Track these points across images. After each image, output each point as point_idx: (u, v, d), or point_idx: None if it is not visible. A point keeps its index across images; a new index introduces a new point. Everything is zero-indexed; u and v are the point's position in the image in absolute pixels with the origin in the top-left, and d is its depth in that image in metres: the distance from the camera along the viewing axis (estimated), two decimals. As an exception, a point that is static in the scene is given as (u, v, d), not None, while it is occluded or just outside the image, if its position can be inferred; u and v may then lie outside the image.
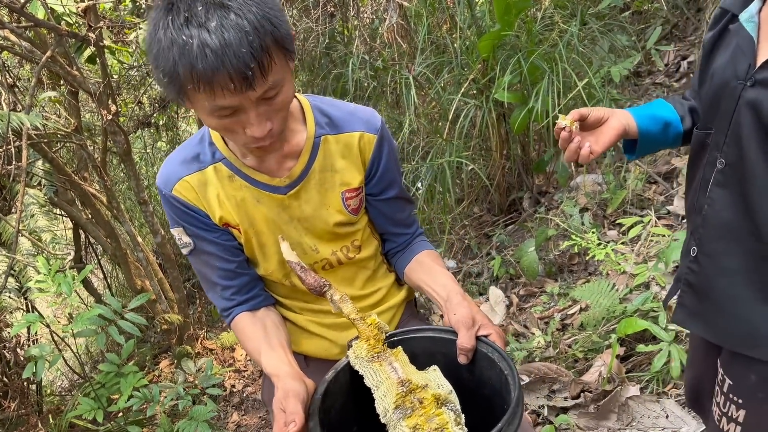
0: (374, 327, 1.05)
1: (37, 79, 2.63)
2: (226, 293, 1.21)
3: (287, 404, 0.92)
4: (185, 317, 3.80)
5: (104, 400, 2.41)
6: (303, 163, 1.14)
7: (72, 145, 4.07)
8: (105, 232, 3.70)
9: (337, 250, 1.23)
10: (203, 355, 3.89)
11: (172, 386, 2.69)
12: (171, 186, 1.13)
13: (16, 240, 2.44)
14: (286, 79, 0.95)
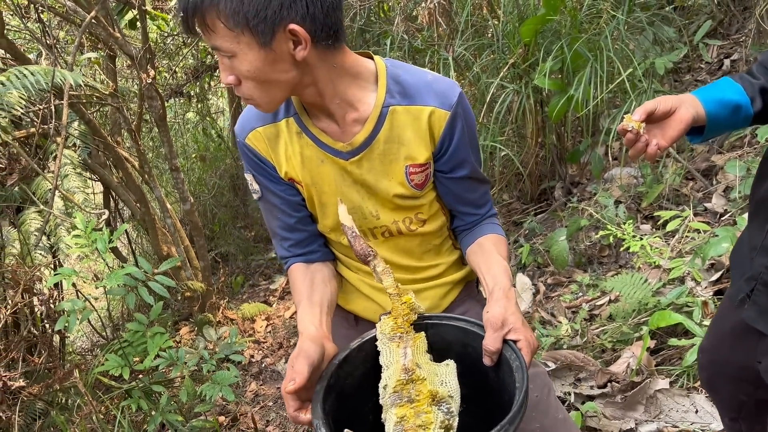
0: (407, 306, 1.04)
1: (80, 39, 2.65)
2: (284, 243, 1.26)
3: (296, 362, 0.94)
4: (208, 286, 3.84)
5: (130, 358, 2.45)
6: (367, 132, 1.12)
7: (106, 109, 4.11)
8: (135, 197, 3.75)
9: (399, 221, 1.21)
10: (224, 324, 3.94)
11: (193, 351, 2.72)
12: (245, 134, 1.17)
13: (52, 197, 2.47)
14: (237, 52, 0.97)
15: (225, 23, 0.94)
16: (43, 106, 2.76)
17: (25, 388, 2.29)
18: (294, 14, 0.94)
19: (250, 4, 0.92)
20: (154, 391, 2.47)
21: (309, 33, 0.97)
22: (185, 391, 2.46)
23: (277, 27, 0.94)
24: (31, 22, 3.89)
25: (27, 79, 2.13)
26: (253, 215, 5.94)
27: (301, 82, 1.04)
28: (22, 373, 2.36)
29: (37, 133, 3.05)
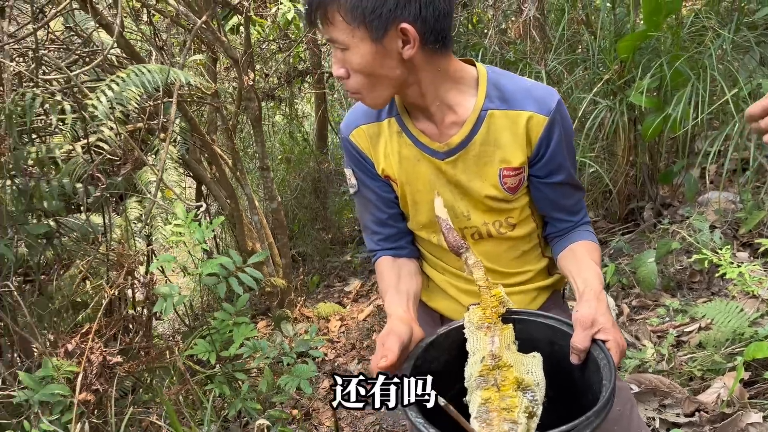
0: (496, 299, 1.06)
1: (191, 41, 2.82)
2: (375, 237, 1.32)
3: (387, 340, 0.99)
4: (288, 283, 3.97)
5: (217, 345, 2.57)
6: (464, 133, 1.16)
7: (204, 108, 4.34)
8: (226, 193, 3.93)
9: (489, 223, 1.24)
10: (300, 321, 4.05)
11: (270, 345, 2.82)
12: (350, 131, 1.25)
13: (157, 188, 2.64)
14: (351, 45, 1.04)
15: (344, 17, 1.02)
16: (152, 103, 2.96)
17: (121, 364, 2.45)
18: (407, 14, 1.01)
19: (368, 2, 1.00)
20: (237, 378, 2.59)
21: (418, 34, 1.03)
22: (265, 380, 2.55)
23: (390, 24, 1.01)
24: (143, 25, 4.17)
25: (144, 77, 2.30)
26: (331, 218, 6.08)
27: (406, 81, 1.10)
28: (119, 350, 2.53)
29: (144, 128, 3.26)
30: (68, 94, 2.32)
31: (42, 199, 2.47)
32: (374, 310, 4.10)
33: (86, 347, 2.31)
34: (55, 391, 2.15)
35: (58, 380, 2.18)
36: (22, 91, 2.17)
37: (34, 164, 2.49)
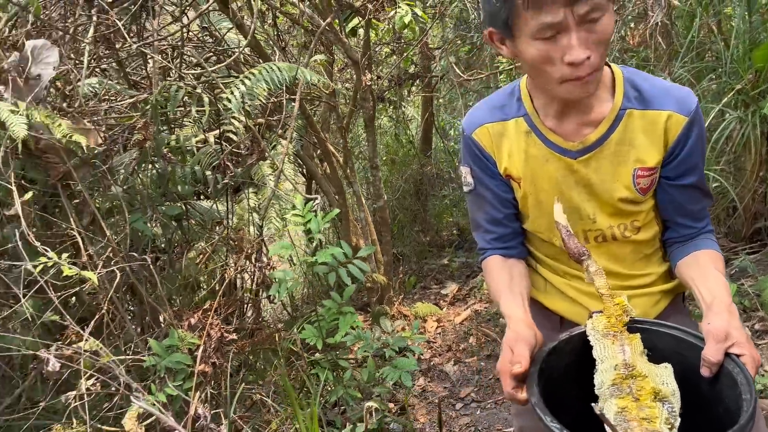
0: (620, 308, 1.06)
1: (316, 42, 2.96)
2: (487, 236, 1.33)
3: (516, 346, 1.01)
4: (388, 280, 4.05)
5: (323, 332, 2.69)
6: (601, 132, 1.16)
7: (318, 107, 4.52)
8: (335, 189, 4.08)
9: (615, 226, 1.23)
10: (397, 318, 4.13)
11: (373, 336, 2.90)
12: (473, 129, 1.26)
13: (277, 179, 2.80)
14: (608, 8, 0.99)
15: None
16: (275, 99, 3.14)
17: (235, 341, 2.62)
18: None
19: None
20: (340, 366, 2.68)
21: None
22: (367, 370, 2.64)
23: None
24: (267, 26, 4.41)
25: (274, 74, 2.45)
26: (430, 221, 6.13)
27: None
28: (234, 329, 2.70)
29: (264, 123, 3.46)
30: (206, 88, 2.51)
31: (176, 184, 2.69)
32: (472, 314, 4.10)
33: (207, 323, 2.49)
34: (179, 359, 2.33)
35: (181, 350, 2.37)
36: (167, 83, 2.37)
37: (169, 151, 2.72)
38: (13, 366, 2.36)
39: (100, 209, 2.30)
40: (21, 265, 2.00)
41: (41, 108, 2.10)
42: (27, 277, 2.07)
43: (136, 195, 2.51)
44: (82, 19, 2.54)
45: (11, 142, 1.93)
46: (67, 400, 2.09)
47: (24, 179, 2.15)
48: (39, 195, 2.22)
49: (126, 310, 2.48)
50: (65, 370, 2.12)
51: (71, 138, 2.06)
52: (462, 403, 3.03)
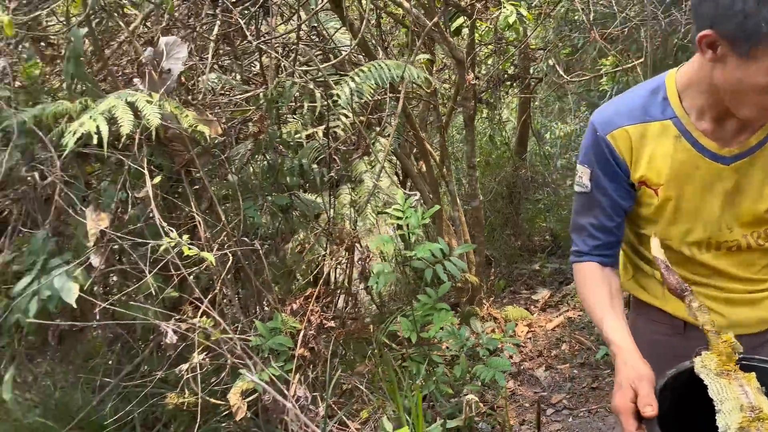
0: (728, 345, 1.03)
1: (421, 42, 3.01)
2: (589, 241, 1.27)
3: (641, 386, 0.99)
4: (480, 281, 4.04)
5: (417, 326, 2.73)
6: (760, 136, 1.12)
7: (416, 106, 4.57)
8: (429, 188, 4.11)
9: (749, 234, 1.19)
10: (487, 320, 4.11)
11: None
12: (609, 130, 1.18)
13: (378, 175, 2.87)
14: None
15: None
16: (378, 97, 3.22)
17: (333, 329, 2.71)
18: None
19: None
20: (432, 361, 2.72)
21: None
22: (460, 367, 2.65)
23: None
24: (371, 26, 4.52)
25: (383, 71, 2.51)
26: (522, 225, 6.04)
27: None
28: (332, 317, 2.80)
29: (366, 120, 3.55)
30: (317, 84, 2.62)
31: (284, 176, 2.82)
32: (564, 321, 4.01)
33: (307, 309, 2.59)
34: (282, 342, 2.45)
35: (284, 333, 2.48)
36: (282, 79, 2.50)
37: (280, 144, 2.86)
38: (135, 337, 2.57)
39: (216, 195, 2.45)
40: (148, 243, 2.18)
41: (171, 100, 2.27)
42: (152, 255, 2.25)
43: (248, 184, 2.65)
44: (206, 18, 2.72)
45: (145, 130, 2.10)
46: (181, 371, 2.25)
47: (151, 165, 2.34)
48: (164, 180, 2.39)
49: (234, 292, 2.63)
50: (180, 343, 2.28)
51: (196, 128, 2.21)
52: (553, 409, 2.98)
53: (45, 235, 2.18)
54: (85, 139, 1.96)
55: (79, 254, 2.22)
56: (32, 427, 2.34)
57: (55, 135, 2.14)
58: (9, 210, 2.33)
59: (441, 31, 3.14)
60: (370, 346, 3.08)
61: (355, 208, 3.51)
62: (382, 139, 4.36)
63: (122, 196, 2.26)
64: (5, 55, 2.25)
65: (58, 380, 2.59)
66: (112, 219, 2.21)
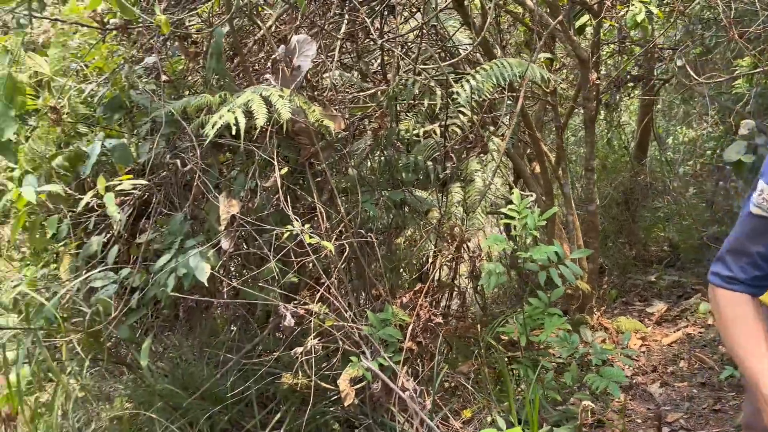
0: None
1: (543, 40, 2.96)
2: (749, 269, 1.18)
3: None
4: (592, 289, 3.90)
5: (527, 329, 2.69)
6: None
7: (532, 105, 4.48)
8: (542, 190, 4.02)
9: None
10: (597, 330, 3.96)
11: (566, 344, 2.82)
12: None
13: (493, 173, 2.85)
14: None
15: None
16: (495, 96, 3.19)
17: (441, 325, 2.73)
18: None
19: None
20: (545, 366, 2.66)
21: None
22: (570, 374, 2.59)
23: None
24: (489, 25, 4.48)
25: (505, 70, 2.49)
26: (638, 233, 5.75)
27: None
28: (440, 314, 2.83)
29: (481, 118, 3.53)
30: (438, 82, 2.65)
31: (399, 172, 2.88)
32: (683, 337, 3.78)
33: (417, 303, 2.63)
34: (391, 333, 2.50)
35: (394, 325, 2.54)
36: (404, 76, 2.55)
37: (397, 140, 2.91)
38: (254, 318, 2.73)
39: (336, 188, 2.55)
40: (273, 230, 2.30)
41: (300, 95, 2.39)
42: (275, 242, 2.38)
43: (366, 178, 2.73)
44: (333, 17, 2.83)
45: (275, 123, 2.22)
46: (296, 354, 2.36)
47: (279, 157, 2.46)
48: (288, 171, 2.52)
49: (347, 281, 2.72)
50: (296, 327, 2.39)
51: (322, 122, 2.31)
52: (669, 428, 2.83)
53: (182, 217, 2.37)
54: (220, 130, 2.11)
55: (210, 237, 2.40)
56: (162, 394, 2.55)
57: (195, 126, 2.32)
58: (152, 193, 2.55)
59: (565, 30, 3.06)
60: (474, 346, 3.07)
61: (465, 207, 3.50)
62: (495, 139, 4.32)
63: (251, 184, 2.41)
64: (156, 51, 2.47)
65: (184, 353, 2.79)
66: (242, 205, 2.35)
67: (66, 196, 2.44)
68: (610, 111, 5.79)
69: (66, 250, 2.32)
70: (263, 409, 2.70)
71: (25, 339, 2.05)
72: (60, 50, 2.66)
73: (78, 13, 2.39)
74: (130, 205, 2.43)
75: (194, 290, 2.47)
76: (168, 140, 2.42)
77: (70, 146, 2.65)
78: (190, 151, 2.33)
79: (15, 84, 1.79)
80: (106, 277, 2.28)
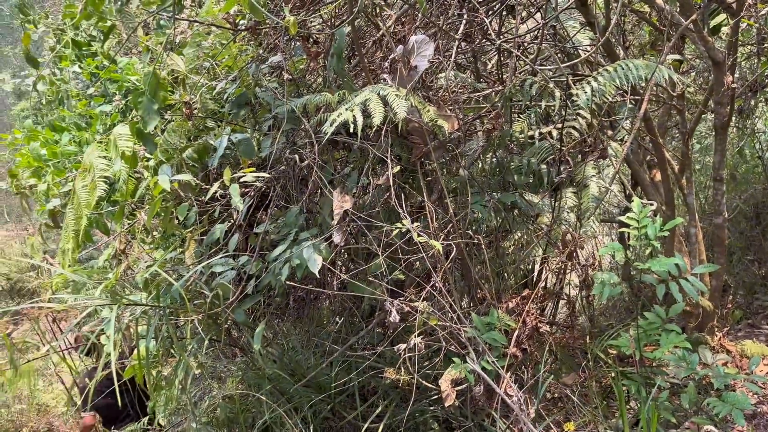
0: None
1: (674, 41, 2.78)
2: None
3: None
4: (714, 307, 3.63)
5: (641, 344, 2.55)
6: None
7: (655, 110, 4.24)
8: (662, 199, 3.79)
9: None
10: (718, 351, 3.68)
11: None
12: None
13: (611, 181, 2.72)
14: None
15: None
16: (616, 99, 3.05)
17: (548, 332, 2.66)
18: None
19: None
20: (660, 385, 2.52)
21: None
22: (687, 396, 2.42)
23: None
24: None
25: (630, 71, 2.38)
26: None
27: None
28: (548, 321, 2.75)
29: (600, 122, 3.39)
30: (557, 83, 2.57)
31: (511, 174, 2.83)
32: (819, 366, 3.43)
33: (524, 309, 2.57)
34: (496, 337, 2.46)
35: (498, 329, 2.50)
36: (522, 77, 2.50)
37: (511, 142, 2.86)
38: (359, 312, 2.79)
39: (446, 188, 2.55)
40: (383, 226, 2.35)
41: (415, 95, 2.41)
42: (384, 238, 2.42)
43: (476, 179, 2.71)
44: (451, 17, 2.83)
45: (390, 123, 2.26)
46: (399, 350, 2.39)
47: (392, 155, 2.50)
48: (400, 170, 2.55)
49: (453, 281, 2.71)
50: (401, 323, 2.42)
51: (436, 122, 2.32)
52: (797, 466, 2.58)
53: (298, 210, 2.47)
54: (338, 128, 2.18)
55: (323, 230, 2.48)
56: (271, 378, 2.67)
57: (314, 123, 2.41)
58: (270, 186, 2.67)
59: (698, 30, 2.86)
60: (581, 358, 2.96)
61: (578, 214, 3.38)
62: (614, 143, 4.14)
63: (364, 181, 2.46)
64: (281, 51, 2.59)
65: (293, 341, 2.91)
66: (354, 201, 2.41)
67: (195, 185, 2.62)
68: (743, 117, 5.35)
69: (192, 236, 2.49)
70: (364, 402, 2.76)
71: (154, 316, 2.23)
72: (195, 50, 2.86)
73: (213, 15, 2.55)
74: (250, 196, 2.56)
75: (306, 281, 2.57)
76: (288, 136, 2.53)
77: (198, 139, 2.84)
78: (308, 147, 2.42)
79: (158, 80, 1.94)
80: (227, 264, 2.42)
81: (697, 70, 4.66)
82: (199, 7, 3.18)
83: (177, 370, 2.41)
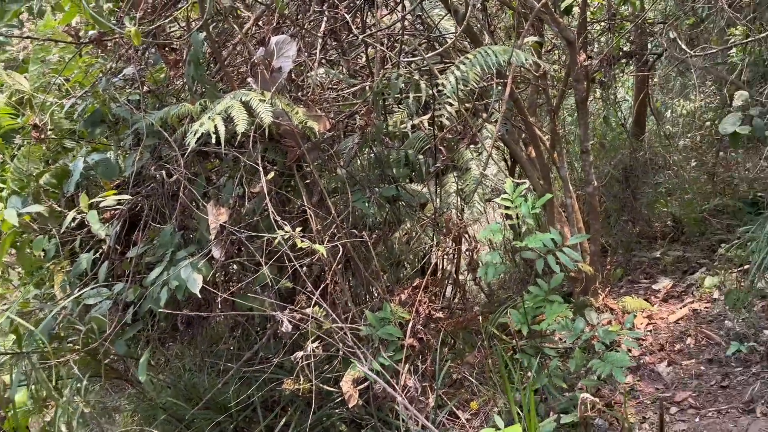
0: None
1: (530, 24, 2.90)
2: None
3: None
4: (595, 271, 3.86)
5: (528, 318, 2.66)
6: None
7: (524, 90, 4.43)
8: (539, 174, 3.97)
9: None
10: (603, 311, 3.92)
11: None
12: None
13: (485, 163, 2.81)
14: None
15: None
16: (485, 84, 3.14)
17: (441, 319, 2.71)
18: None
19: None
20: (545, 354, 2.64)
21: None
22: (574, 361, 2.55)
23: None
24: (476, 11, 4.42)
25: (489, 58, 2.45)
26: (641, 210, 5.69)
27: None
28: (440, 307, 2.79)
29: (473, 107, 3.49)
30: (422, 74, 2.60)
31: (390, 167, 2.84)
32: (689, 313, 3.74)
33: (416, 299, 2.60)
34: (391, 332, 2.47)
35: (393, 323, 2.51)
36: (388, 71, 2.50)
37: (386, 136, 2.87)
38: (253, 324, 2.71)
39: (326, 188, 2.52)
40: (263, 236, 2.28)
41: (282, 97, 2.35)
42: (267, 247, 2.35)
43: (356, 176, 2.69)
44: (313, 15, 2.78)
45: (259, 128, 2.19)
46: (296, 359, 2.34)
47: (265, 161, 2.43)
48: (277, 175, 2.49)
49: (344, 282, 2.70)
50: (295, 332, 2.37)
51: (306, 124, 2.27)
52: (677, 408, 2.80)
53: (172, 228, 2.35)
54: (205, 138, 2.08)
55: (201, 247, 2.37)
56: (165, 407, 2.54)
57: (178, 135, 2.29)
58: (140, 206, 2.52)
59: (550, 12, 3.00)
60: (479, 337, 3.04)
61: (462, 197, 3.47)
62: (489, 126, 4.27)
63: (239, 191, 2.38)
64: (134, 62, 2.43)
65: (186, 363, 2.78)
66: (231, 213, 2.33)
67: (56, 213, 2.42)
68: (605, 89, 5.72)
69: (56, 269, 2.30)
70: (269, 414, 2.69)
71: (20, 363, 2.04)
72: (39, 66, 2.63)
73: (52, 29, 2.35)
74: (119, 219, 2.40)
75: (191, 300, 2.46)
76: (153, 151, 2.39)
77: (57, 163, 2.62)
78: (175, 162, 2.30)
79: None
80: (99, 294, 2.26)
81: (559, 49, 4.91)
82: (42, 18, 2.93)
83: (56, 415, 2.23)
